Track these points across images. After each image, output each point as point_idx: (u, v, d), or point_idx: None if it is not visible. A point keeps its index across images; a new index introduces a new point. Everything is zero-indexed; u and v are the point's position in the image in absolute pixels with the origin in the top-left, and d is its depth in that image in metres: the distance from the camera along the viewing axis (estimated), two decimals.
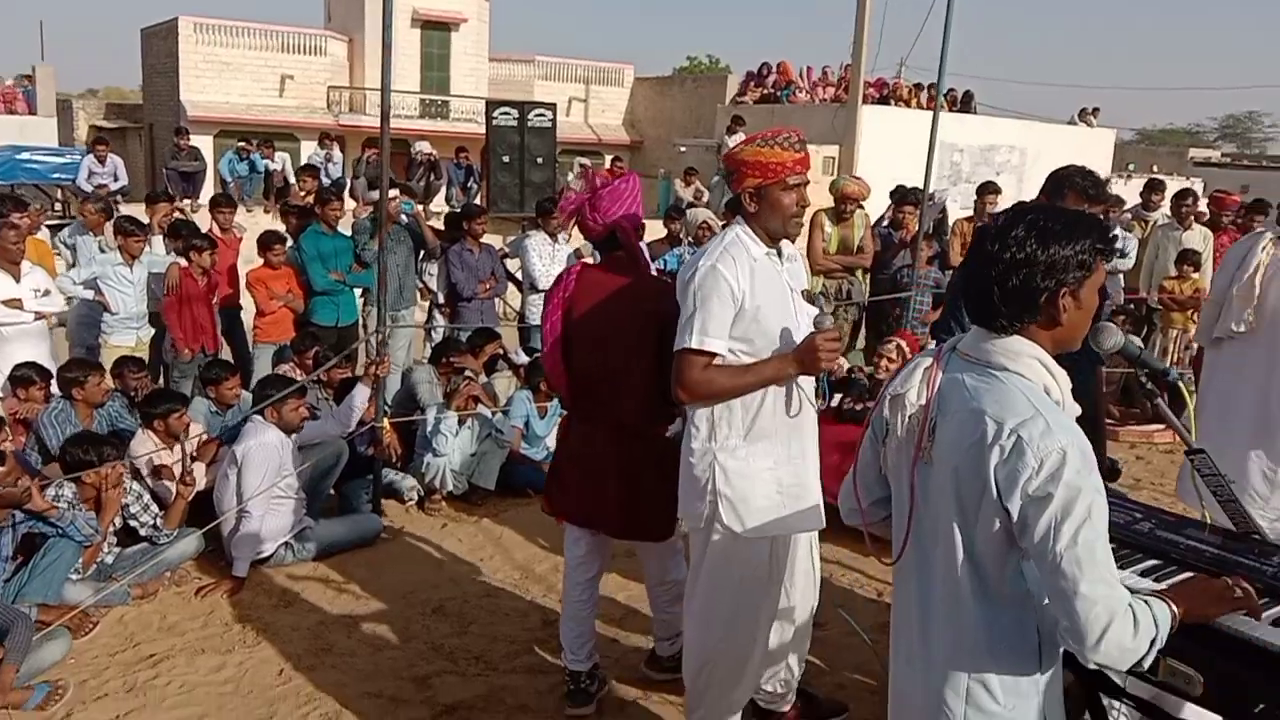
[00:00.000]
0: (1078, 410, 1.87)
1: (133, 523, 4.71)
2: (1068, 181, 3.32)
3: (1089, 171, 3.35)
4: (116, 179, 13.32)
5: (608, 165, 19.85)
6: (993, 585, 1.84)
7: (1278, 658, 1.82)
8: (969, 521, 1.83)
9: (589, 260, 3.78)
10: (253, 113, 22.67)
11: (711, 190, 15.92)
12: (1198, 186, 22.36)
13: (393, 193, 7.85)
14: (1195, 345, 4.25)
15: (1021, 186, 17.82)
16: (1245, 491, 2.99)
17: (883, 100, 19.30)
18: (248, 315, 7.49)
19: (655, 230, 7.92)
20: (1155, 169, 28.07)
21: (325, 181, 13.26)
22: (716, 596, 3.03)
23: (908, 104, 19.58)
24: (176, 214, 8.18)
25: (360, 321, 7.59)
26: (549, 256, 7.94)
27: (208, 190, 15.00)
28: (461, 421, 5.89)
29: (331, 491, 5.56)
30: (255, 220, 12.13)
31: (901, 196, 8.44)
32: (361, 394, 5.43)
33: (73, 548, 4.23)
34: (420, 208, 9.59)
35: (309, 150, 18.49)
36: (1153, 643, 1.73)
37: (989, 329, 1.89)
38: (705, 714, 3.14)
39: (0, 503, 4.05)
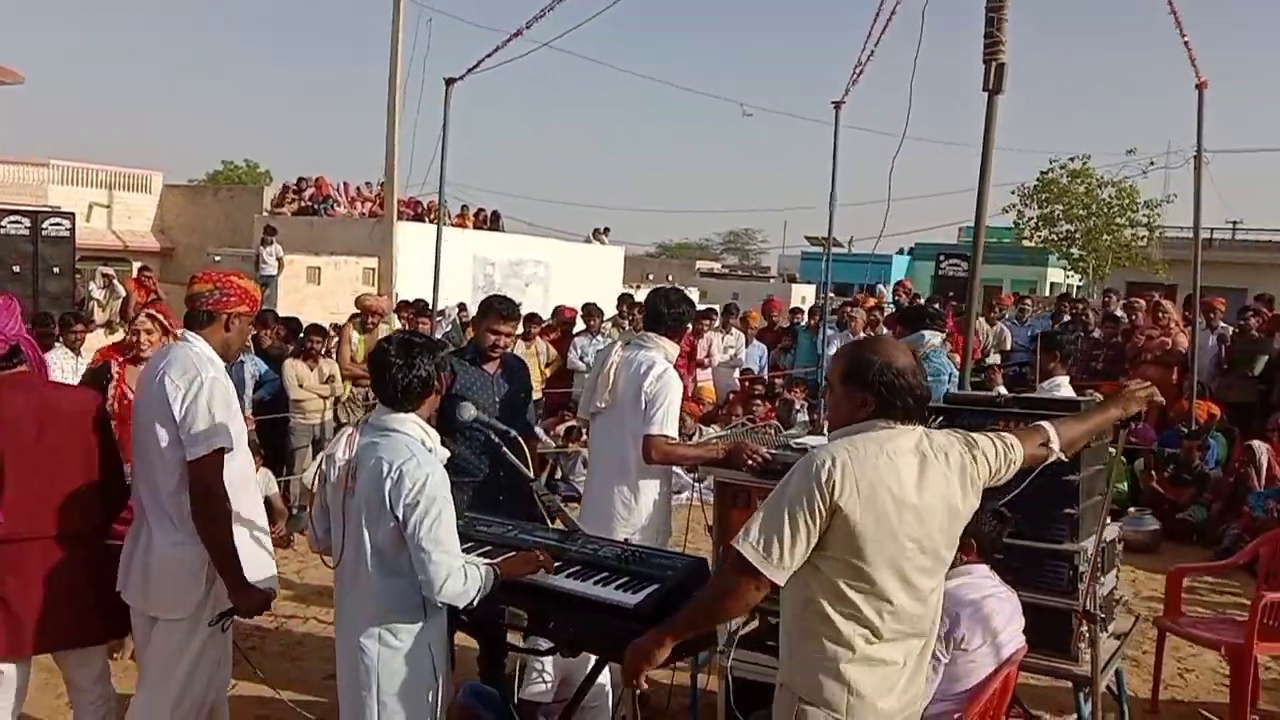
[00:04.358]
0: (446, 454, 3.02)
1: None
2: (490, 308, 4.69)
3: (505, 299, 4.75)
4: None
5: (135, 273, 19.18)
6: (389, 565, 2.90)
7: (559, 593, 3.09)
8: (375, 528, 2.89)
9: None
10: None
11: None
12: (696, 294, 26.45)
13: None
14: None
15: (548, 295, 19.73)
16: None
17: (417, 217, 20.74)
18: None
19: None
20: (670, 278, 32.62)
21: None
22: (204, 672, 3.36)
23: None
24: None
25: None
26: (72, 371, 8.05)
27: None
28: None
29: None
30: None
31: (419, 310, 9.85)
32: None
33: None
34: None
35: None
36: (480, 590, 2.88)
37: (391, 408, 2.98)
38: None
39: None
